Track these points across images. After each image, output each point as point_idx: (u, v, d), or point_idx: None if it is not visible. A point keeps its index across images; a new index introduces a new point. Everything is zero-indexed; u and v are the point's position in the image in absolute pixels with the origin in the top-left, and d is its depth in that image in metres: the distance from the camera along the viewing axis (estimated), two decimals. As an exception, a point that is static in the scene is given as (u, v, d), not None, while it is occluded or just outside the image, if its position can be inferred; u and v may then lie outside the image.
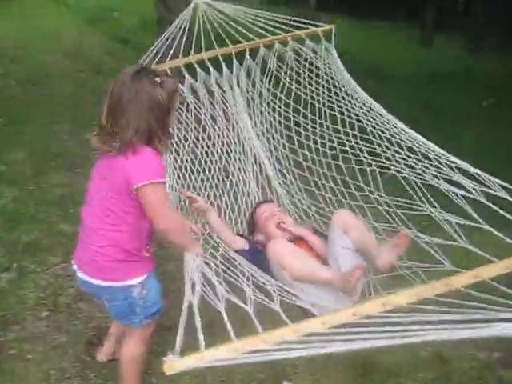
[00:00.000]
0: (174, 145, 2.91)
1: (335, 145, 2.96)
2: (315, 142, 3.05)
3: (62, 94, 6.26)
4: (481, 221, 2.07)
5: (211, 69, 3.10)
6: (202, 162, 3.02)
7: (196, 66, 3.09)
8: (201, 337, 1.42)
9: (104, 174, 2.01)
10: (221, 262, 2.19)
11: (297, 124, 3.17)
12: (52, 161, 4.68)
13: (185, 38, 3.09)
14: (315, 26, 3.24)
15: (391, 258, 2.44)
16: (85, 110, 5.80)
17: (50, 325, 2.89)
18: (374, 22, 14.90)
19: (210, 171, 2.98)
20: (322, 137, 3.04)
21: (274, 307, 1.77)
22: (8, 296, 3.06)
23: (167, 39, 2.99)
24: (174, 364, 1.32)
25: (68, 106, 5.92)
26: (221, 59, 3.15)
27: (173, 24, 3.09)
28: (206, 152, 3.04)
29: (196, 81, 3.06)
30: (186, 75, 3.04)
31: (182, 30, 3.06)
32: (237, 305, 1.78)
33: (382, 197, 2.65)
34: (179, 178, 2.79)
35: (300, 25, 3.21)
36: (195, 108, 3.04)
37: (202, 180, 2.93)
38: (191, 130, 3.00)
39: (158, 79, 1.96)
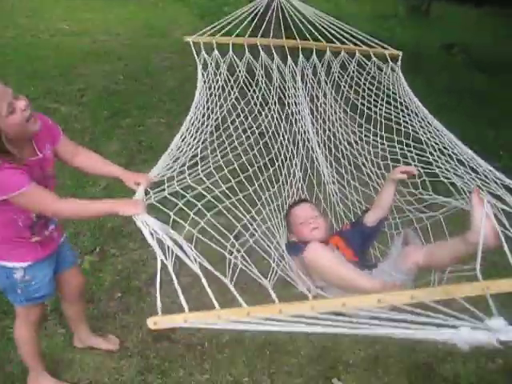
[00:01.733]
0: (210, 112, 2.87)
1: (387, 154, 2.95)
2: (369, 153, 3.05)
3: (163, 89, 6.60)
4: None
5: (275, 55, 3.15)
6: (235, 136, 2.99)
7: (260, 48, 3.13)
8: (182, 299, 1.44)
9: None
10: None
11: (353, 132, 3.18)
12: (144, 153, 4.98)
13: (255, 20, 3.21)
14: (384, 47, 3.25)
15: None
16: (185, 104, 6.08)
17: (120, 306, 3.13)
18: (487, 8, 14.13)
19: (252, 149, 2.95)
20: (374, 146, 3.05)
21: (263, 282, 1.75)
22: (88, 277, 3.34)
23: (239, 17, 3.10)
24: (157, 320, 1.39)
25: (166, 100, 6.24)
26: (287, 50, 3.19)
27: (248, 5, 3.20)
28: (248, 128, 3.02)
29: (257, 62, 3.12)
30: (247, 53, 3.09)
31: (254, 12, 3.15)
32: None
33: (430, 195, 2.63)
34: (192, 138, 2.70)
35: (371, 43, 3.22)
36: (246, 86, 3.10)
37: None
38: (235, 105, 3.04)
39: None
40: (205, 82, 2.92)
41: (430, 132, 2.75)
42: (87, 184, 4.41)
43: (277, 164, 3.01)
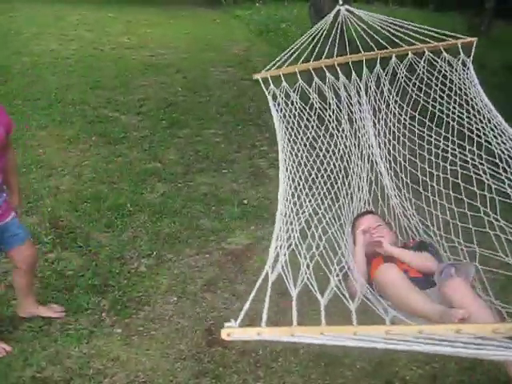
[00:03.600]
0: (291, 140, 2.93)
1: (457, 161, 2.83)
2: (437, 157, 2.96)
3: (220, 101, 6.69)
4: None
5: (340, 73, 3.15)
6: (318, 160, 3.02)
7: (325, 69, 3.14)
8: (265, 315, 1.46)
9: None
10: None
11: (420, 137, 3.10)
12: (201, 162, 5.05)
13: (320, 42, 3.21)
14: (457, 37, 3.13)
15: None
16: (239, 116, 6.17)
17: (176, 309, 3.15)
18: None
19: (326, 171, 2.97)
20: (444, 151, 2.93)
21: (350, 306, 1.75)
22: (145, 280, 3.39)
23: (303, 43, 3.11)
24: (231, 331, 1.40)
25: (223, 112, 6.32)
26: (351, 65, 3.18)
27: (313, 28, 3.21)
28: (327, 150, 3.04)
29: (324, 84, 3.13)
30: (315, 77, 3.12)
31: (320, 33, 3.16)
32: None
33: (497, 221, 2.46)
34: (293, 167, 2.78)
35: (439, 36, 3.12)
36: (319, 109, 3.11)
37: (316, 177, 2.92)
38: (312, 128, 3.04)
39: None
40: (279, 114, 2.97)
41: (503, 143, 2.62)
42: (145, 190, 4.49)
43: (347, 181, 3.01)
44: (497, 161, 2.63)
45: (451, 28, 12.61)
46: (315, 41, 3.18)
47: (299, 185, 2.65)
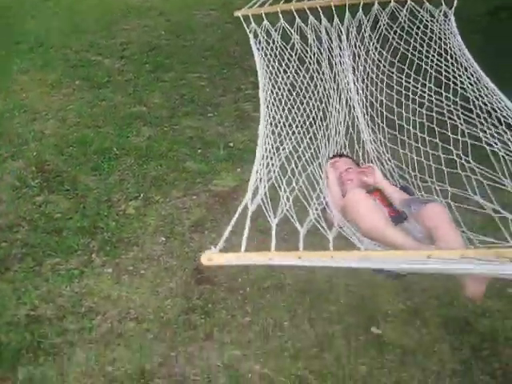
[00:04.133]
0: (272, 79, 2.96)
1: (433, 107, 2.88)
2: (414, 102, 3.00)
3: (204, 45, 6.59)
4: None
5: (322, 16, 3.13)
6: (298, 100, 3.04)
7: (307, 11, 3.12)
8: (244, 240, 1.53)
9: None
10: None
11: (398, 84, 3.13)
12: (186, 106, 5.02)
13: None
14: None
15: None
16: (224, 60, 6.09)
17: (164, 249, 3.22)
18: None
19: (305, 111, 2.95)
20: (421, 97, 2.98)
21: (328, 236, 1.81)
22: (133, 221, 3.44)
23: None
24: (211, 256, 1.46)
25: (207, 55, 6.24)
26: (333, 9, 3.16)
27: None
28: (306, 91, 3.06)
29: (306, 25, 3.11)
30: (297, 18, 3.09)
31: None
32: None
33: (468, 163, 2.54)
34: (273, 105, 2.84)
35: None
36: (300, 50, 3.11)
37: (296, 116, 2.97)
38: (293, 68, 3.05)
39: None
40: (260, 53, 2.96)
41: (478, 90, 2.70)
42: (131, 134, 4.47)
43: (325, 123, 3.03)
44: (471, 107, 2.69)
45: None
46: None
47: (279, 123, 2.70)
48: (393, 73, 3.13)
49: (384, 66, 3.16)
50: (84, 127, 4.52)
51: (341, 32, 3.17)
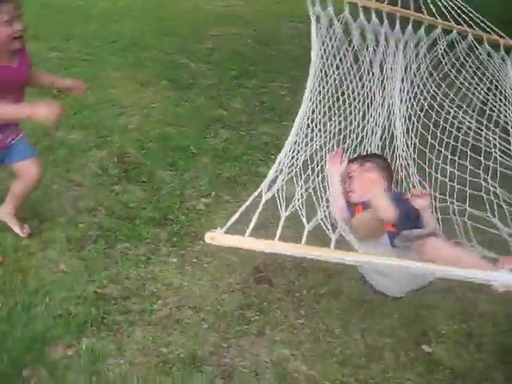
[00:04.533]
0: (323, 70, 2.96)
1: (471, 132, 2.95)
2: (452, 126, 3.04)
3: (289, 55, 6.73)
4: None
5: (386, 21, 3.16)
6: (342, 98, 3.06)
7: (372, 11, 3.15)
8: (251, 226, 1.64)
9: None
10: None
11: (440, 106, 3.17)
12: (265, 113, 5.17)
13: None
14: (502, 36, 3.20)
15: None
16: (307, 71, 6.18)
17: (228, 247, 3.32)
18: None
19: (346, 109, 3.03)
20: (461, 123, 3.04)
21: (330, 235, 1.93)
22: (202, 217, 3.59)
23: None
24: (216, 236, 1.57)
25: (291, 66, 6.36)
26: (397, 18, 3.19)
27: None
28: (352, 91, 3.11)
29: (368, 23, 3.15)
30: (361, 14, 3.12)
31: None
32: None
33: (495, 188, 2.57)
34: (317, 98, 2.85)
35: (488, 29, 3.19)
36: (357, 47, 3.16)
37: (335, 114, 3.03)
38: (345, 64, 3.11)
39: None
40: (319, 40, 3.01)
41: None
42: (209, 135, 4.65)
43: (363, 122, 3.09)
44: (510, 138, 2.77)
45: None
46: None
47: (317, 117, 2.78)
48: (437, 94, 3.19)
49: (431, 86, 3.20)
50: (166, 125, 4.75)
51: (399, 41, 3.20)
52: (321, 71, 2.93)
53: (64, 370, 2.43)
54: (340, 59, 3.05)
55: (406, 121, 3.17)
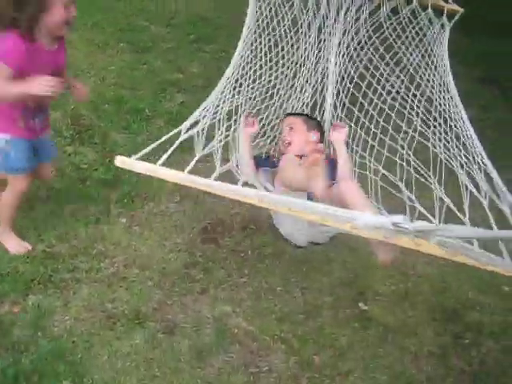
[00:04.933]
0: (261, 29, 3.21)
1: (398, 97, 3.10)
2: (383, 88, 3.17)
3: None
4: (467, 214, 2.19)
5: None
6: (276, 57, 3.29)
7: None
8: (165, 156, 1.75)
9: None
10: None
11: (376, 68, 3.28)
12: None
13: None
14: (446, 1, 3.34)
15: None
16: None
17: (177, 208, 3.41)
18: None
19: (278, 68, 3.24)
20: (392, 86, 3.18)
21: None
22: (153, 180, 3.60)
23: None
24: (125, 160, 1.65)
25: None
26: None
27: None
28: (287, 51, 3.28)
29: None
30: None
31: None
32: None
33: (409, 156, 2.75)
34: (252, 52, 3.10)
35: None
36: (298, 11, 3.26)
37: (266, 71, 3.20)
38: (283, 26, 3.25)
39: None
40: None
41: (444, 98, 2.97)
42: (164, 99, 4.67)
43: (293, 81, 3.29)
44: (432, 110, 2.98)
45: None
46: None
47: (247, 73, 2.92)
48: (374, 56, 3.29)
49: (368, 49, 3.32)
50: (121, 88, 4.73)
51: (341, 7, 3.28)
52: (255, 32, 3.05)
53: (9, 326, 2.49)
54: (278, 21, 3.14)
55: (337, 83, 3.28)
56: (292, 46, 3.28)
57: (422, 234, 1.45)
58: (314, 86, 3.30)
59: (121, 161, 1.65)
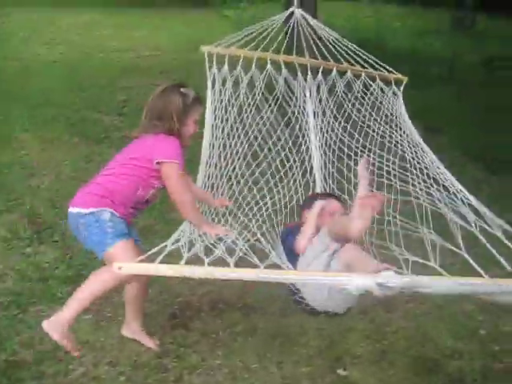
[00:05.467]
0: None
1: (375, 169, 3.20)
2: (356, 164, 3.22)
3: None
4: (462, 247, 2.20)
5: (284, 70, 3.39)
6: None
7: (269, 62, 3.34)
8: (158, 260, 1.75)
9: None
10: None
11: (349, 148, 3.43)
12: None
13: (270, 36, 3.39)
14: (390, 72, 3.54)
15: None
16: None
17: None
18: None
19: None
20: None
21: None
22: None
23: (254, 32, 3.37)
24: (121, 265, 1.65)
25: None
26: (297, 66, 3.41)
27: (265, 21, 3.42)
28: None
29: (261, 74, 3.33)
30: (253, 67, 3.29)
31: (272, 28, 3.39)
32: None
33: (395, 218, 2.81)
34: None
35: (377, 66, 3.49)
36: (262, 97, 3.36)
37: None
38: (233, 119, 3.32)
39: (182, 90, 2.64)
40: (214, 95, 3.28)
41: (416, 152, 3.09)
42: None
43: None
44: (407, 165, 3.06)
45: (435, 24, 12.75)
46: (266, 33, 3.40)
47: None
48: (344, 136, 3.43)
49: (338, 129, 3.45)
50: (78, 181, 4.71)
51: (305, 89, 3.42)
52: (212, 136, 3.17)
53: None
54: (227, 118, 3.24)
55: (322, 168, 3.42)
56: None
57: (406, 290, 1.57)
58: (301, 169, 3.42)
59: (119, 267, 1.64)
